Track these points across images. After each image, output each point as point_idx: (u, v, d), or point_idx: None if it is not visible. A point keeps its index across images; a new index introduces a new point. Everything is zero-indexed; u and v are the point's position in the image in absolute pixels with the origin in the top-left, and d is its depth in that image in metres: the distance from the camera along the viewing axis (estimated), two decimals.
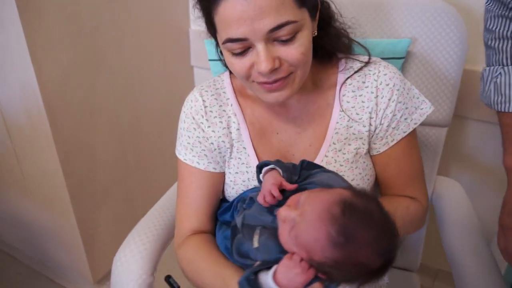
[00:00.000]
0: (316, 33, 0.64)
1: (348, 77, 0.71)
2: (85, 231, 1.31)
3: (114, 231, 1.44)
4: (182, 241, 0.74)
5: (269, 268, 0.52)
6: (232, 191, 0.74)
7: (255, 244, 0.56)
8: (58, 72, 1.08)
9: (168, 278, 0.86)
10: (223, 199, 0.79)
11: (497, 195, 1.27)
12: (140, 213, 1.50)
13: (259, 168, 0.65)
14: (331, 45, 0.70)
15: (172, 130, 1.59)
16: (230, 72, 0.77)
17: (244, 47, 0.57)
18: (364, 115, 0.70)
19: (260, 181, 0.64)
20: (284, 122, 0.73)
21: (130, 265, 0.73)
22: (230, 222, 0.70)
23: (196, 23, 1.55)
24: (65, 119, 1.14)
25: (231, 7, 0.53)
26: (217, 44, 0.70)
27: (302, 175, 0.63)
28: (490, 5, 0.69)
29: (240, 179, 0.73)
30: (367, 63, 0.71)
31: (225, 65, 0.76)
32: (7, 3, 0.94)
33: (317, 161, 0.71)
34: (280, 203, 0.57)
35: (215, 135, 0.72)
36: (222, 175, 0.75)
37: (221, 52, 0.72)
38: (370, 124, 0.70)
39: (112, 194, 1.39)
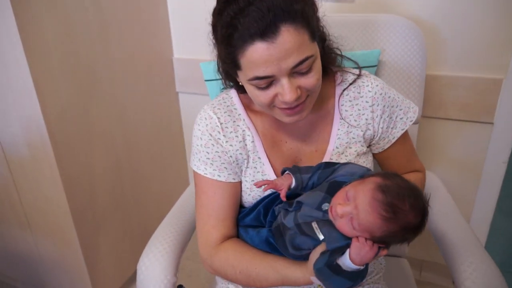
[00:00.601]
0: None
1: (345, 89, 0.81)
2: (88, 257, 1.35)
3: (115, 254, 1.48)
4: (215, 250, 0.78)
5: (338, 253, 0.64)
6: (248, 197, 0.81)
7: (321, 236, 0.66)
8: (59, 104, 1.16)
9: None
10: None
11: (467, 183, 1.42)
12: (137, 233, 1.57)
13: (282, 173, 0.77)
14: (327, 61, 0.80)
15: (162, 154, 1.69)
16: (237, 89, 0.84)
17: (269, 82, 0.65)
18: (361, 121, 0.81)
19: None
20: (291, 132, 0.81)
21: (155, 267, 0.80)
22: (252, 225, 0.79)
23: (179, 52, 1.67)
24: (67, 147, 1.21)
25: (259, 51, 0.60)
26: (221, 69, 0.79)
27: (324, 173, 0.74)
28: None
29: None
30: (359, 75, 0.81)
31: (229, 84, 0.83)
32: (13, 43, 1.02)
33: None
34: (325, 199, 0.68)
35: (233, 149, 0.78)
36: (240, 183, 0.81)
37: (225, 73, 0.80)
38: (368, 129, 0.81)
39: (111, 218, 1.44)
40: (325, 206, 0.68)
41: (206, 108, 0.81)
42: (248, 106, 0.83)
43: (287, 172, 0.75)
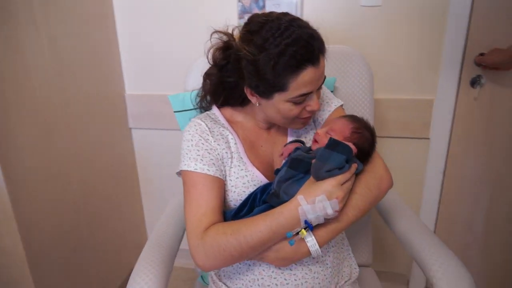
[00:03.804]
0: None
1: None
2: None
3: None
4: (205, 232, 0.81)
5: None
6: (233, 195, 0.89)
7: (312, 155, 0.84)
8: (15, 143, 1.11)
9: None
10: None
11: (412, 193, 1.56)
12: (95, 275, 1.49)
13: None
14: None
15: (116, 191, 1.64)
16: (218, 107, 0.99)
17: (304, 98, 0.83)
18: None
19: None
20: (265, 138, 0.98)
21: None
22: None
23: (131, 88, 1.67)
24: (23, 188, 1.15)
25: (308, 74, 0.79)
26: (203, 97, 0.99)
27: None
28: None
29: (240, 182, 0.89)
30: None
31: (205, 106, 1.01)
32: None
33: None
34: (309, 150, 0.87)
35: (219, 148, 0.90)
36: (224, 183, 0.90)
37: (205, 102, 0.99)
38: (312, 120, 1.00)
39: (69, 263, 1.37)
40: (310, 152, 0.87)
41: (194, 119, 0.94)
42: (229, 119, 0.98)
43: (294, 142, 0.95)
